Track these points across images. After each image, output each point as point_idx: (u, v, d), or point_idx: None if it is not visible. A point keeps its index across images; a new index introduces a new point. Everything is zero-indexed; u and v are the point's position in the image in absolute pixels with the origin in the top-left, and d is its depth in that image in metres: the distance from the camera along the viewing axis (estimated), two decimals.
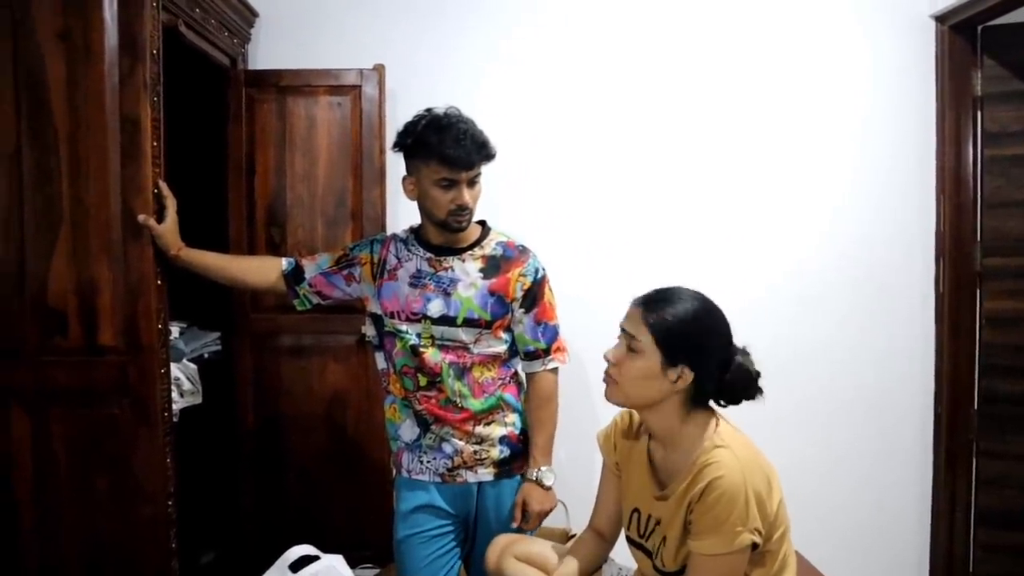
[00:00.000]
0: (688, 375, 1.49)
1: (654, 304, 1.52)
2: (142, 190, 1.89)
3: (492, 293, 1.89)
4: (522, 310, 1.93)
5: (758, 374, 1.53)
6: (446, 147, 1.78)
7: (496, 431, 1.94)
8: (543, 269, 1.97)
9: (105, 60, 1.85)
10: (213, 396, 2.57)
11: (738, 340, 1.55)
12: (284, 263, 2.03)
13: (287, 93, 2.62)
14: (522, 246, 1.98)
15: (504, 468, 1.96)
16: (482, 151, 1.83)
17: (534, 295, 1.93)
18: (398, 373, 1.94)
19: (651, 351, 1.49)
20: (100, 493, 1.92)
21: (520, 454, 1.98)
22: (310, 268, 2.01)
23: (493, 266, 1.92)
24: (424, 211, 1.91)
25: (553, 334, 1.97)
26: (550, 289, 1.98)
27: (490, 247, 1.94)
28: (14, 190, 1.86)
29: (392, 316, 1.91)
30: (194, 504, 2.36)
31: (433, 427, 1.92)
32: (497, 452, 1.94)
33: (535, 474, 1.94)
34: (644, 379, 1.50)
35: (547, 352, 1.96)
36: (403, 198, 1.98)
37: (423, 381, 1.90)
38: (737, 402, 1.54)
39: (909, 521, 2.82)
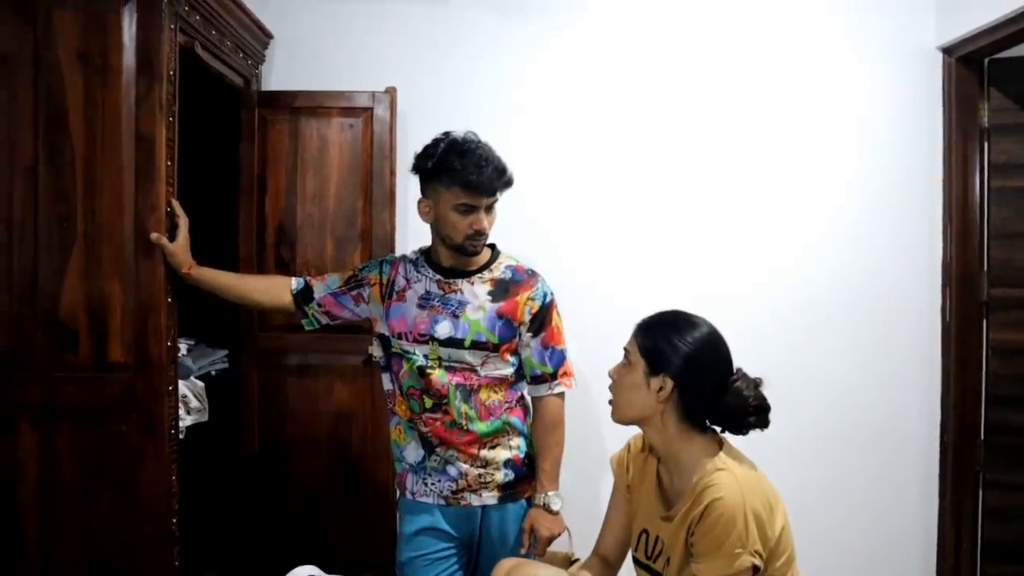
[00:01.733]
0: (668, 384, 1.51)
1: (650, 322, 1.60)
2: (155, 208, 1.91)
3: (500, 316, 1.90)
4: (529, 334, 1.93)
5: (759, 407, 1.51)
6: (468, 173, 1.79)
7: (501, 454, 1.94)
8: (551, 294, 1.98)
9: (123, 80, 1.88)
10: (219, 414, 2.58)
11: (752, 370, 1.56)
12: (293, 283, 2.04)
13: (300, 114, 2.65)
14: (531, 270, 1.99)
15: (508, 492, 1.95)
16: (503, 177, 1.85)
17: (542, 319, 1.94)
18: (404, 395, 1.94)
19: (637, 361, 1.55)
20: (105, 509, 1.92)
21: (525, 478, 1.98)
22: (319, 288, 2.02)
23: (502, 289, 1.93)
24: (439, 234, 1.92)
25: (560, 359, 1.97)
26: (558, 314, 1.99)
27: (499, 270, 1.95)
28: (30, 206, 1.89)
29: (399, 337, 1.92)
30: (198, 522, 2.35)
31: (438, 449, 1.92)
32: (502, 476, 1.94)
33: (542, 499, 1.94)
34: (631, 390, 1.55)
35: (554, 376, 1.97)
36: (412, 219, 1.99)
37: (429, 403, 1.90)
38: (736, 432, 1.54)
39: (915, 552, 2.80)
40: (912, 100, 2.78)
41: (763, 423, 1.53)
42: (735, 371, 1.55)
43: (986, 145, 2.70)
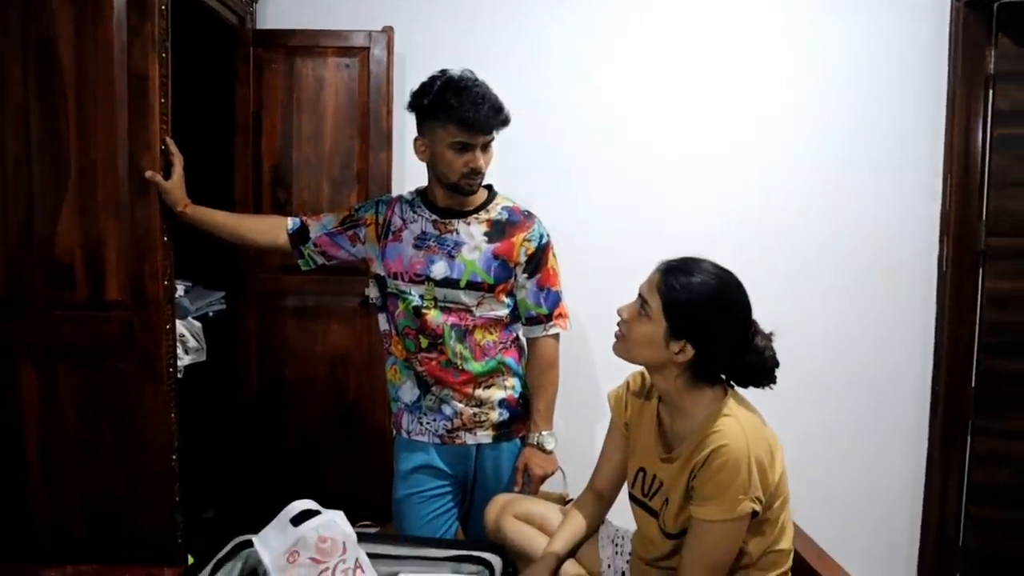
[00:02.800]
0: (689, 351, 1.49)
1: (673, 272, 1.51)
2: (149, 147, 1.89)
3: (496, 257, 1.90)
4: (525, 275, 1.94)
5: (774, 363, 1.53)
6: (464, 110, 1.78)
7: (496, 394, 1.96)
8: (548, 235, 1.98)
9: (114, 16, 1.85)
10: (217, 354, 2.60)
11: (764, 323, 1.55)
12: (289, 222, 2.04)
13: (295, 54, 2.61)
14: (527, 211, 1.98)
15: (503, 431, 1.98)
16: (499, 116, 1.83)
17: (538, 260, 1.94)
18: (400, 334, 1.95)
19: (658, 319, 1.50)
20: (106, 446, 1.95)
21: (519, 418, 2.01)
22: (315, 228, 2.02)
23: (498, 230, 1.92)
24: (435, 173, 1.91)
25: (556, 300, 1.98)
26: (554, 255, 1.99)
27: (496, 211, 1.95)
28: (22, 146, 1.87)
29: (395, 277, 1.92)
30: (197, 460, 2.39)
31: (433, 389, 1.94)
32: (496, 415, 1.97)
33: (536, 438, 1.97)
34: (648, 344, 1.52)
35: (549, 318, 1.98)
36: (410, 160, 1.98)
37: (424, 343, 1.92)
38: (745, 386, 1.56)
39: (903, 496, 2.85)
40: (919, 45, 2.72)
41: (772, 380, 1.54)
42: (752, 327, 1.54)
43: (991, 92, 2.67)
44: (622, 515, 1.78)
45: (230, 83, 2.64)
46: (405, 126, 2.61)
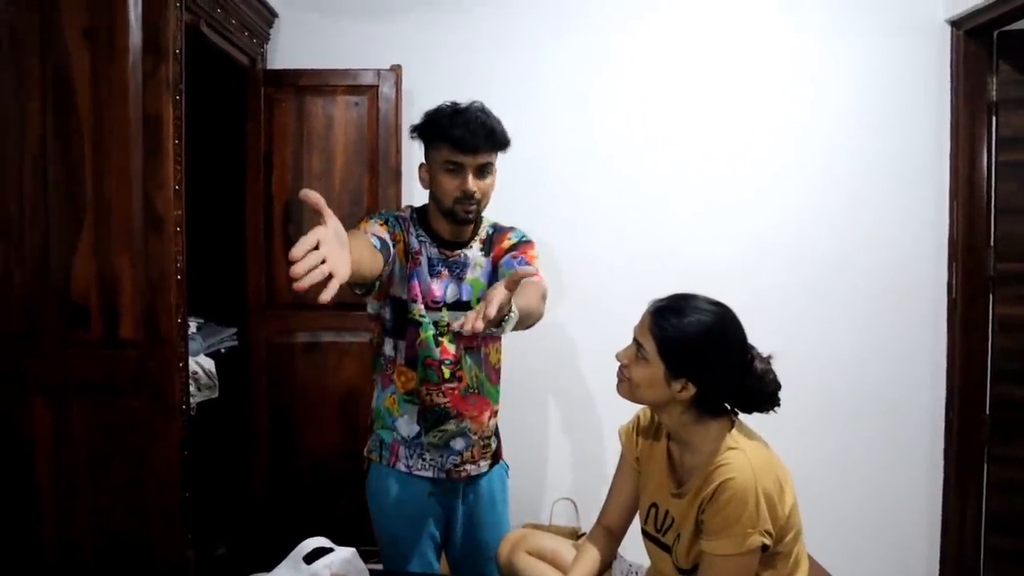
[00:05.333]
0: (691, 388, 1.49)
1: (663, 313, 1.51)
2: (163, 186, 1.93)
3: (492, 265, 1.90)
4: (506, 256, 1.88)
5: (776, 386, 1.53)
6: (455, 129, 1.76)
7: (494, 422, 1.99)
8: (528, 236, 1.95)
9: (129, 58, 1.90)
10: (229, 390, 2.61)
11: (759, 345, 1.55)
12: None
13: (305, 92, 2.65)
14: (511, 226, 1.97)
15: (495, 457, 2.00)
16: (491, 137, 1.79)
17: (516, 246, 1.91)
18: (420, 365, 1.87)
19: (655, 361, 1.50)
20: (117, 483, 1.96)
21: (499, 438, 2.03)
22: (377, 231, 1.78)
23: (488, 244, 1.92)
24: (433, 199, 1.87)
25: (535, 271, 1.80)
26: (536, 254, 1.92)
27: (484, 232, 1.94)
28: (39, 185, 1.91)
29: (416, 301, 1.85)
30: (208, 496, 2.39)
31: (449, 424, 1.89)
32: (494, 443, 1.99)
33: None
34: (650, 385, 1.52)
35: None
36: (418, 197, 1.98)
37: (447, 372, 1.87)
38: (750, 412, 1.56)
39: (919, 525, 2.82)
40: (920, 74, 2.76)
41: (776, 403, 1.53)
42: (750, 353, 1.54)
43: (994, 119, 2.69)
44: (636, 550, 1.77)
45: (242, 122, 2.68)
46: (413, 162, 2.62)
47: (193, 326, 2.51)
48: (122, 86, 1.89)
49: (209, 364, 2.52)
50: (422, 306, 1.85)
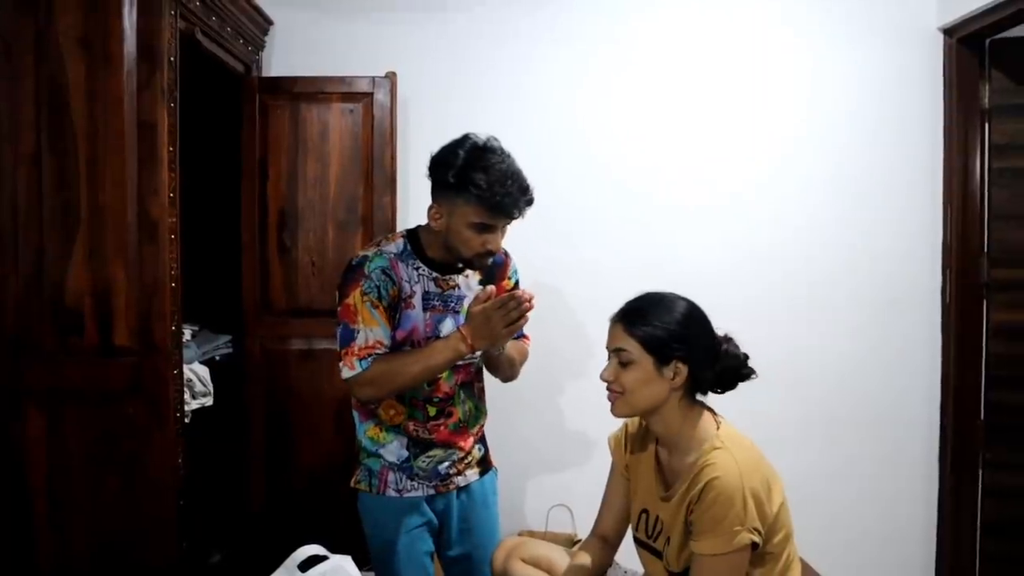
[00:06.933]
0: (683, 369, 1.52)
1: (632, 314, 1.57)
2: (157, 194, 1.93)
3: None
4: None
5: (746, 356, 1.59)
6: (494, 194, 1.66)
7: (481, 434, 2.00)
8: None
9: (124, 66, 1.90)
10: (224, 398, 2.60)
11: (753, 353, 1.60)
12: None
13: (300, 100, 2.66)
14: (504, 250, 1.95)
15: (484, 464, 1.99)
16: (525, 196, 1.72)
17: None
18: (406, 403, 1.84)
19: (642, 358, 1.53)
20: (112, 491, 1.95)
21: (487, 447, 2.03)
22: (385, 337, 1.78)
23: (489, 275, 1.90)
24: (447, 243, 1.79)
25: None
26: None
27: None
28: (34, 193, 1.91)
29: (406, 343, 1.81)
30: (204, 504, 2.38)
31: (434, 452, 1.87)
32: (477, 452, 1.97)
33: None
34: (644, 385, 1.54)
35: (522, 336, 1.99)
36: (413, 204, 1.98)
37: (433, 411, 1.86)
38: (734, 386, 1.59)
39: (915, 531, 2.82)
40: (913, 81, 2.77)
41: (753, 371, 1.59)
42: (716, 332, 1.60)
43: (987, 126, 2.70)
44: (631, 557, 1.77)
45: (237, 129, 2.69)
46: (408, 169, 2.65)
47: (188, 333, 2.51)
48: (116, 94, 1.89)
49: (204, 371, 2.52)
50: (410, 348, 1.81)
